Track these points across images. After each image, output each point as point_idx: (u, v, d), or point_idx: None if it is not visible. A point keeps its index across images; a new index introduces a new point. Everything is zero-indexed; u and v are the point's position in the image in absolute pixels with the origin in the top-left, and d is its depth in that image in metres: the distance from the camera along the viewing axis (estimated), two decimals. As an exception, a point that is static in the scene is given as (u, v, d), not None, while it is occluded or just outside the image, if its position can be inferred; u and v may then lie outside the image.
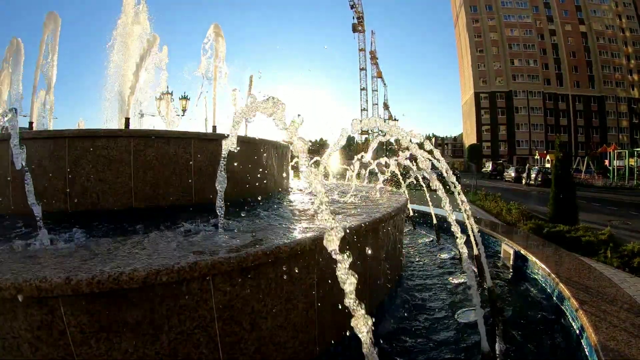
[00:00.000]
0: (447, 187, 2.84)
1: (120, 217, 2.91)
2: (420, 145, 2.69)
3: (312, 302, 2.10)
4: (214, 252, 1.74)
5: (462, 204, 3.07)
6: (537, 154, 46.32)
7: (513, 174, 36.05)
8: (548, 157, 38.52)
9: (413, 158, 3.10)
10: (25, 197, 2.07)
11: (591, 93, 66.81)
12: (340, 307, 1.26)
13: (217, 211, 2.33)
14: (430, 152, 2.98)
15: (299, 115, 1.43)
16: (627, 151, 33.74)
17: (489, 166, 46.00)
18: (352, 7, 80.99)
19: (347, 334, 1.29)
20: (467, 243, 2.62)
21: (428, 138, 3.09)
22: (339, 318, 2.21)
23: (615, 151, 35.11)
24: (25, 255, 1.77)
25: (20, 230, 2.45)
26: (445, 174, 2.72)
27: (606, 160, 37.00)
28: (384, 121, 2.47)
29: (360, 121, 2.02)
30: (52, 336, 1.47)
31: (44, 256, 1.74)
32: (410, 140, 2.52)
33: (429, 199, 5.96)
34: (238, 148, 2.20)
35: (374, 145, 4.28)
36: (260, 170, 3.96)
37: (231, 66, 7.81)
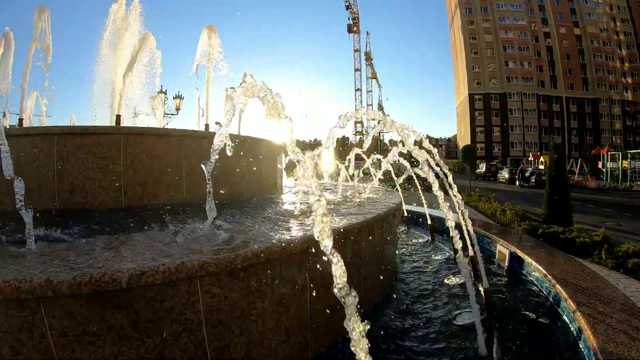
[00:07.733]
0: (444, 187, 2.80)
1: (110, 215, 2.84)
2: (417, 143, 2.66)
3: (305, 305, 2.05)
4: (202, 252, 1.68)
5: (457, 205, 3.04)
6: (530, 156, 46.52)
7: (507, 175, 36.18)
8: (542, 159, 38.72)
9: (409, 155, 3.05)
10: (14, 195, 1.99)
11: (585, 95, 67.38)
12: (333, 309, 1.21)
13: (207, 211, 2.28)
14: (430, 152, 2.94)
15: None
16: (620, 153, 33.98)
17: (482, 167, 46.01)
18: (347, 7, 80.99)
19: (340, 337, 1.23)
20: (463, 244, 2.59)
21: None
22: (332, 320, 2.16)
23: (609, 153, 35.36)
24: (8, 255, 1.70)
25: (5, 228, 2.38)
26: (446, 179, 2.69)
27: (599, 162, 37.27)
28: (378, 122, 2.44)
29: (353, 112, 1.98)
30: (33, 339, 1.41)
31: (27, 256, 1.67)
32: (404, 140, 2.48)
33: (423, 199, 5.93)
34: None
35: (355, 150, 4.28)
36: (252, 169, 3.90)
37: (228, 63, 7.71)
